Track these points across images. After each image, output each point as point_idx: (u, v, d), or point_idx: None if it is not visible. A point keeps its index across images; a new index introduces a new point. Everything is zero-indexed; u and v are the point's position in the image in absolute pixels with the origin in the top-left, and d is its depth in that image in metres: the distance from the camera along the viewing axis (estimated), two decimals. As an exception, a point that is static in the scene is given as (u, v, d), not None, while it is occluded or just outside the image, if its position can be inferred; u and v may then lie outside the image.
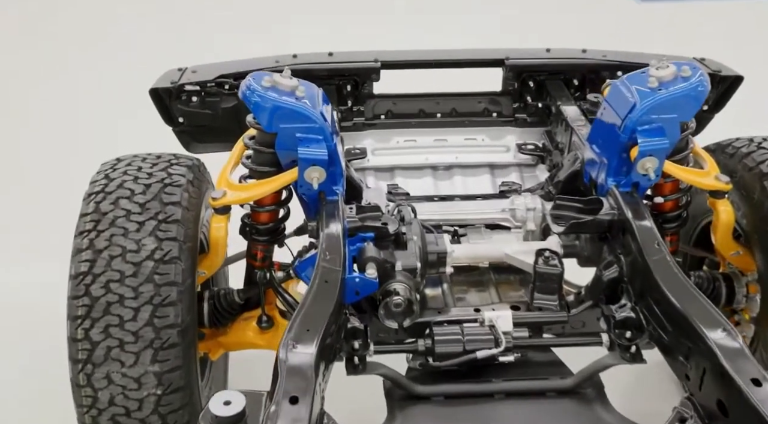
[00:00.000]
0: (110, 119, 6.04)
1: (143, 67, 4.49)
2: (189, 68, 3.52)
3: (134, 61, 6.68)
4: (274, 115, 2.72)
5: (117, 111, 6.05)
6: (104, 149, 3.52)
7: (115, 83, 6.48)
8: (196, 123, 3.50)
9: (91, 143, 5.49)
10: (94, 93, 6.49)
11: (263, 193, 2.81)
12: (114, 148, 3.35)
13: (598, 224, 2.84)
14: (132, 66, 6.42)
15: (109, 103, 6.26)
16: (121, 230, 2.63)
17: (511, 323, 2.72)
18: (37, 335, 3.88)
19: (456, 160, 3.72)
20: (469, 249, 3.03)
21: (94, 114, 6.17)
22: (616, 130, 2.87)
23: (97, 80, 6.73)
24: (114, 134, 5.63)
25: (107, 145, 4.02)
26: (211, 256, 2.92)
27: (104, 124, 5.98)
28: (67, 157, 5.47)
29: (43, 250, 4.34)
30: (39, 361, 3.78)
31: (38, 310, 3.91)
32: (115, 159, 2.99)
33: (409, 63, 3.70)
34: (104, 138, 5.63)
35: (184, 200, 2.75)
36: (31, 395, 3.68)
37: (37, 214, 4.92)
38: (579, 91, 3.74)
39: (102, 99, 6.36)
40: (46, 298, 3.28)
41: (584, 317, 2.83)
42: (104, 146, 3.98)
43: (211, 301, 3.07)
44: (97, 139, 5.65)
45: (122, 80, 6.30)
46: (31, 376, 3.78)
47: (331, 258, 2.54)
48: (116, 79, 6.55)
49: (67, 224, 2.88)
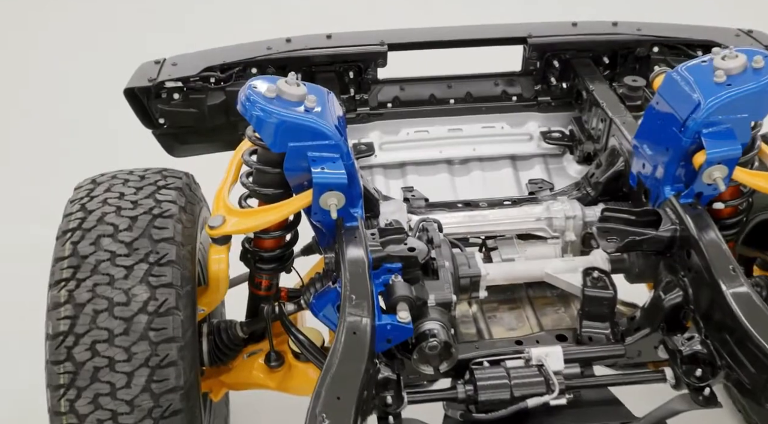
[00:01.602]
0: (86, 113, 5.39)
1: (108, 52, 3.95)
2: (168, 60, 3.04)
3: (99, 45, 6.01)
4: (281, 131, 2.29)
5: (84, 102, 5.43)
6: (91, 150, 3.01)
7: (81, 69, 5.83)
8: (180, 124, 3.04)
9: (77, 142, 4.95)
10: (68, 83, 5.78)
11: (270, 222, 2.39)
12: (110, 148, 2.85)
13: (657, 241, 2.47)
14: (94, 50, 5.78)
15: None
16: (105, 277, 2.20)
17: (562, 361, 2.37)
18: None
19: (473, 152, 3.32)
20: (505, 270, 2.66)
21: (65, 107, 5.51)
22: (675, 132, 2.48)
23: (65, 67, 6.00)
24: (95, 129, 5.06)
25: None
26: (210, 292, 2.51)
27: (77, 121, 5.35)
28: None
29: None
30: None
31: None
32: (90, 182, 2.53)
33: (419, 44, 3.25)
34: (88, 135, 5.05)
35: (177, 234, 2.32)
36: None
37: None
38: (609, 70, 3.34)
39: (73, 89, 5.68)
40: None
41: (640, 344, 2.49)
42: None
43: (211, 337, 2.68)
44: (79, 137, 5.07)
45: (84, 66, 5.69)
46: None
47: (357, 303, 2.17)
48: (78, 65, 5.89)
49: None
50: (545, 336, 2.52)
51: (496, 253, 2.76)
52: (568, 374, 2.36)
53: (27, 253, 3.79)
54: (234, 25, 4.78)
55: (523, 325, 2.66)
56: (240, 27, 3.58)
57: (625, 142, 2.82)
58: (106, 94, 3.83)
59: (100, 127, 5.02)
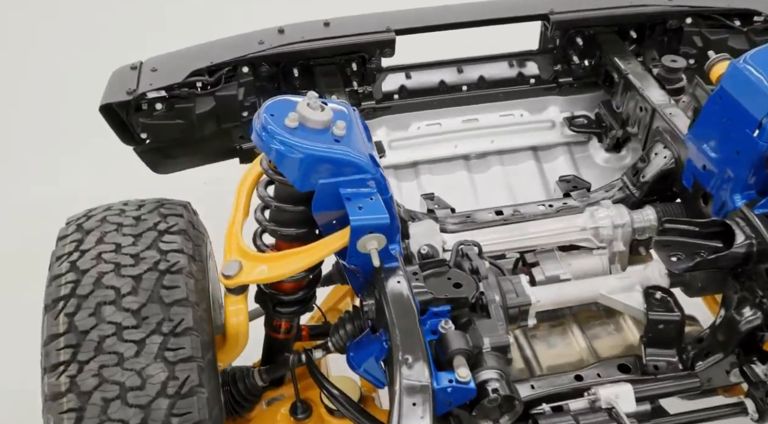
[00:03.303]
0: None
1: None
2: (145, 64, 2.61)
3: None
4: (309, 168, 1.92)
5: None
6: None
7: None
8: (165, 137, 2.63)
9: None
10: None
11: (298, 270, 2.03)
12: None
13: (731, 258, 2.20)
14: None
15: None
16: (113, 357, 1.84)
17: (634, 401, 2.11)
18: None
19: (492, 145, 3.00)
20: (556, 294, 2.37)
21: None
22: (748, 134, 2.19)
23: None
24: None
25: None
26: (229, 348, 2.16)
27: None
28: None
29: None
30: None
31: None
32: (75, 228, 2.12)
33: (430, 27, 2.86)
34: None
35: (190, 293, 1.97)
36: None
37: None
38: (635, 45, 3.01)
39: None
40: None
41: (711, 370, 2.24)
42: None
43: (226, 387, 2.35)
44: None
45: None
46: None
47: (412, 364, 1.86)
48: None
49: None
50: (605, 367, 2.26)
51: (538, 269, 2.47)
52: (639, 414, 2.12)
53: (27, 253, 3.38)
54: (221, 7, 4.17)
55: (570, 346, 2.43)
56: (226, 13, 3.10)
57: (674, 137, 2.51)
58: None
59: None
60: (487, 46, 3.06)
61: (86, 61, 3.34)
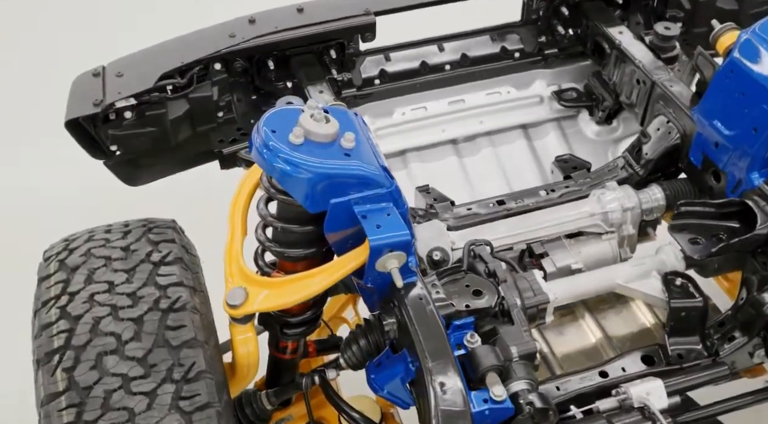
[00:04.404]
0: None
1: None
2: (108, 69, 2.37)
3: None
4: (318, 187, 1.75)
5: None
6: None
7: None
8: (137, 148, 2.41)
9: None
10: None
11: (310, 294, 1.87)
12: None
13: (754, 241, 2.12)
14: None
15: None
16: (123, 413, 1.66)
17: (666, 398, 2.04)
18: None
19: (480, 126, 2.85)
20: (572, 287, 2.27)
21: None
22: (765, 109, 2.09)
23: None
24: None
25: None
26: (238, 380, 2.00)
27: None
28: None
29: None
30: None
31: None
32: (57, 264, 1.92)
33: (411, 5, 2.66)
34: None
35: (198, 330, 1.80)
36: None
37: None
38: (621, 10, 2.88)
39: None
40: None
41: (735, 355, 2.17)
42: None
43: (234, 413, 2.19)
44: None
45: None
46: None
47: (447, 390, 1.74)
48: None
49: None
50: (629, 360, 2.17)
51: (548, 260, 2.36)
52: (671, 409, 2.05)
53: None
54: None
55: (584, 333, 2.38)
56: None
57: (678, 111, 2.41)
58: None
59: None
60: (462, 23, 2.88)
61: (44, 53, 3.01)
